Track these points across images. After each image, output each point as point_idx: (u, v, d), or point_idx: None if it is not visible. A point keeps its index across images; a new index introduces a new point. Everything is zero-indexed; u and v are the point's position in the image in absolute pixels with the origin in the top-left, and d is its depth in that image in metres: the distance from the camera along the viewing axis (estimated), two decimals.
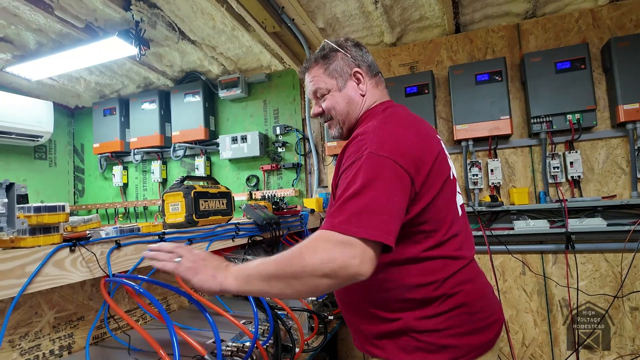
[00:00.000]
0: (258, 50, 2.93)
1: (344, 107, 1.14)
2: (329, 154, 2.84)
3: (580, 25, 2.38)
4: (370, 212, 0.84)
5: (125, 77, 3.41)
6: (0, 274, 0.81)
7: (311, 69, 1.18)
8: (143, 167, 3.64)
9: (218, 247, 1.55)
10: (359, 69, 1.13)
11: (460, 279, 0.99)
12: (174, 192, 1.46)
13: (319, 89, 1.16)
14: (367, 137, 0.94)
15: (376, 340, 1.02)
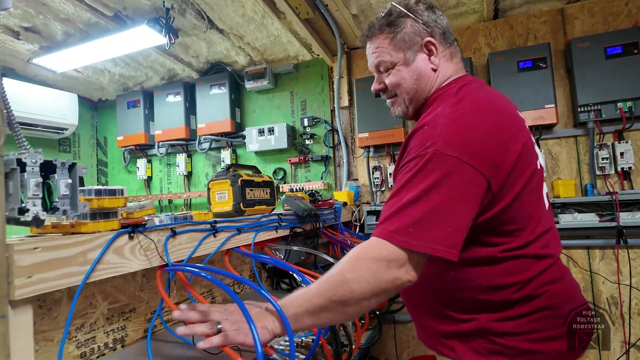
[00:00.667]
0: (286, 39, 2.86)
1: (411, 84, 0.98)
2: (360, 146, 2.75)
3: (630, 9, 2.25)
4: (432, 221, 0.76)
5: (149, 69, 3.37)
6: (63, 261, 0.75)
7: (374, 37, 1.01)
8: (167, 160, 3.60)
9: (263, 238, 1.49)
10: (431, 38, 0.96)
11: (546, 279, 0.88)
12: (220, 180, 1.39)
13: (382, 62, 1.00)
14: (434, 129, 0.82)
15: (445, 340, 0.94)
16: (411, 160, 0.82)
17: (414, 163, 0.81)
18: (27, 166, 0.68)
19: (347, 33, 2.72)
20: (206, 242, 1.18)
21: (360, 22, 2.65)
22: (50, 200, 0.73)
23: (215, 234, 1.20)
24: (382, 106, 2.65)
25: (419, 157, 0.80)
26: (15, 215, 0.67)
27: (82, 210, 0.77)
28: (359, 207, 2.76)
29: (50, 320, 0.91)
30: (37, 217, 0.69)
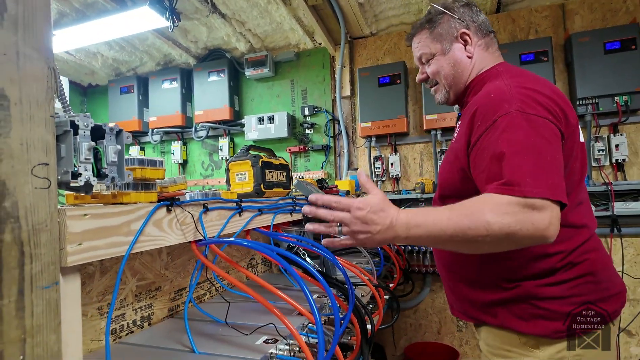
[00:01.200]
0: (288, 27, 2.83)
1: (449, 71, 1.08)
2: (361, 136, 2.77)
3: (627, 6, 2.33)
4: (546, 170, 0.79)
5: (145, 54, 3.28)
6: (109, 230, 0.73)
7: (417, 34, 1.14)
8: (162, 147, 3.52)
9: (279, 220, 1.49)
10: (466, 30, 1.06)
11: (587, 248, 0.94)
12: (240, 161, 1.38)
13: (423, 54, 1.12)
14: (504, 95, 0.88)
15: (488, 308, 0.99)
16: (493, 124, 0.86)
17: (499, 125, 0.85)
18: (80, 129, 0.66)
19: (352, 22, 2.72)
20: (232, 221, 1.17)
21: (365, 11, 2.65)
22: (98, 166, 0.70)
23: (240, 212, 1.19)
24: (384, 96, 2.67)
25: (502, 118, 0.85)
26: (68, 179, 0.64)
27: (127, 179, 0.75)
28: (359, 196, 2.78)
29: (84, 295, 0.88)
30: (89, 183, 0.67)
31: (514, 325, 0.94)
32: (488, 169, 0.85)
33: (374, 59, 2.89)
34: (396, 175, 2.77)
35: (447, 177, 1.05)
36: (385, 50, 2.87)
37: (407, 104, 2.73)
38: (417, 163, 2.77)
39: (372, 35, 2.91)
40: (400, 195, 2.67)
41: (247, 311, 1.13)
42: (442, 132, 2.59)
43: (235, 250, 1.52)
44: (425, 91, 2.58)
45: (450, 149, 1.08)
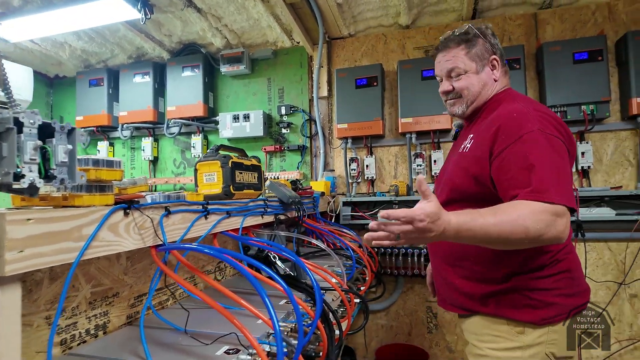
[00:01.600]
0: (266, 24, 2.79)
1: (477, 89, 1.21)
2: (338, 137, 2.75)
3: (596, 18, 2.41)
4: (563, 182, 0.96)
5: (116, 46, 3.16)
6: (57, 235, 0.69)
7: (451, 48, 1.23)
8: (132, 143, 3.40)
9: (249, 223, 1.45)
10: (496, 57, 1.22)
11: (568, 249, 1.12)
12: (209, 162, 1.34)
13: (456, 67, 1.21)
14: (525, 116, 1.04)
15: (485, 299, 1.13)
16: (519, 139, 1.01)
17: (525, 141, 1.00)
18: (25, 127, 0.61)
19: (330, 22, 2.70)
20: (197, 224, 1.13)
21: (343, 11, 2.63)
22: (46, 167, 0.65)
23: (207, 215, 1.15)
24: (362, 98, 2.67)
25: (528, 134, 1.00)
26: (9, 180, 0.59)
27: (79, 181, 0.70)
28: (334, 197, 2.76)
29: (31, 304, 0.83)
30: (33, 185, 0.62)
31: (506, 314, 1.09)
32: (516, 176, 0.99)
33: (351, 60, 2.89)
34: (371, 177, 2.77)
35: (459, 181, 1.16)
36: (363, 52, 2.86)
37: (384, 106, 2.74)
38: (392, 165, 2.78)
39: (350, 37, 2.90)
40: (375, 197, 2.68)
41: (210, 319, 1.09)
42: (417, 135, 2.61)
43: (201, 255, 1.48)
44: (401, 94, 2.59)
45: (460, 156, 1.19)
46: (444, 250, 1.23)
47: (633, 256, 2.29)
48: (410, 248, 2.54)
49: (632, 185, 2.33)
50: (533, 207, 0.91)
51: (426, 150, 2.68)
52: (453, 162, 1.24)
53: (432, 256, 1.32)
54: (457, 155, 1.23)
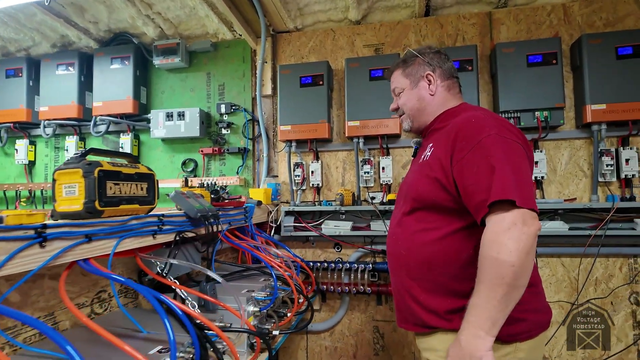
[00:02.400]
0: (204, 13, 2.51)
1: (414, 104, 1.29)
2: (281, 139, 2.50)
3: (551, 20, 2.27)
4: (528, 184, 0.97)
5: (36, 32, 2.80)
6: None
7: (394, 71, 1.37)
8: (55, 142, 3.04)
9: (132, 245, 1.18)
10: (431, 72, 1.27)
11: None
12: (69, 170, 1.06)
13: (396, 87, 1.35)
14: (483, 122, 1.06)
15: (447, 314, 1.09)
16: (477, 144, 1.01)
17: (483, 145, 1.00)
18: None
19: (273, 13, 2.45)
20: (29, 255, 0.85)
21: (287, 2, 2.40)
22: None
23: (42, 243, 0.88)
24: (306, 97, 2.43)
25: (485, 139, 1.01)
26: None
27: None
28: (277, 206, 2.52)
29: None
30: None
31: None
32: (478, 180, 0.98)
33: (298, 57, 2.65)
34: (317, 185, 2.54)
35: (422, 189, 1.15)
36: (310, 48, 2.63)
37: (331, 108, 2.52)
38: (339, 172, 2.56)
39: (297, 30, 2.66)
40: (321, 206, 2.45)
41: None
42: (364, 140, 2.40)
43: (71, 283, 1.19)
44: (348, 95, 2.37)
45: (421, 165, 1.19)
46: (406, 260, 1.19)
47: (586, 273, 2.16)
48: (355, 263, 2.33)
49: (586, 198, 2.20)
50: (495, 236, 0.93)
51: (375, 157, 2.47)
52: (414, 172, 1.26)
53: (392, 272, 1.28)
54: (417, 166, 1.24)
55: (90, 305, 1.27)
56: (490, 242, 0.93)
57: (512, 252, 0.89)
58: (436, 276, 1.12)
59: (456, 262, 1.09)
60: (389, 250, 1.29)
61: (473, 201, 1.00)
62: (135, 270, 1.48)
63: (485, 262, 0.93)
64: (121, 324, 1.20)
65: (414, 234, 1.17)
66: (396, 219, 1.28)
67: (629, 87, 2.02)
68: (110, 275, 0.97)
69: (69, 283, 1.19)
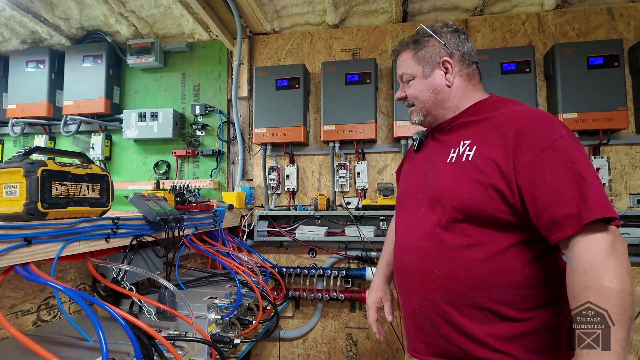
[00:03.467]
0: (179, 12, 2.47)
1: (428, 96, 1.09)
2: (256, 142, 2.46)
3: (526, 28, 2.29)
4: (604, 194, 0.84)
5: (4, 28, 2.71)
6: None
7: (401, 52, 1.14)
8: (24, 141, 2.94)
9: (82, 249, 1.12)
10: (448, 58, 1.06)
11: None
12: (10, 169, 1.00)
13: (404, 74, 1.13)
14: (548, 118, 0.92)
15: (500, 343, 0.92)
16: (550, 145, 0.87)
17: (559, 148, 0.86)
18: None
19: (249, 14, 2.42)
20: None
21: (263, 4, 2.37)
22: None
23: None
24: (282, 100, 2.40)
25: (558, 141, 0.87)
26: None
27: None
28: (251, 210, 2.47)
29: None
30: None
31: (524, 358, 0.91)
32: (561, 192, 0.84)
33: (275, 59, 2.62)
34: (292, 189, 2.50)
35: (469, 198, 0.94)
36: (287, 51, 2.60)
37: (308, 111, 2.49)
38: (315, 176, 2.53)
39: (274, 33, 2.64)
40: (296, 211, 2.41)
41: None
42: (340, 144, 2.37)
43: (13, 288, 1.13)
44: (324, 99, 2.35)
45: (461, 166, 0.98)
46: (443, 279, 0.98)
47: None
48: (329, 269, 2.29)
49: None
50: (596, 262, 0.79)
51: (351, 162, 2.45)
52: (445, 173, 1.02)
53: (413, 292, 1.05)
54: (449, 166, 1.01)
55: (36, 312, 1.20)
56: (594, 266, 0.79)
57: (625, 279, 0.77)
58: (486, 299, 0.94)
59: (516, 279, 0.92)
60: (410, 266, 1.06)
61: (550, 216, 0.84)
62: (90, 276, 1.41)
63: (596, 293, 0.79)
64: (69, 333, 1.14)
65: (457, 250, 0.97)
66: (423, 230, 1.04)
67: (600, 97, 2.05)
68: (47, 282, 0.91)
69: (11, 288, 1.12)
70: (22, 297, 1.15)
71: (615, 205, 2.15)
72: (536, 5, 2.29)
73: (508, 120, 0.94)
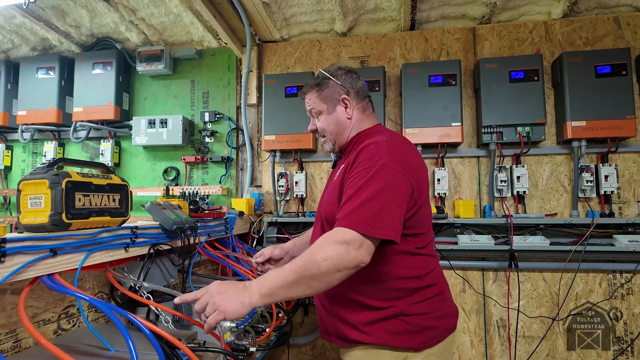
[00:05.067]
0: (189, 20, 2.49)
1: (334, 128, 1.29)
2: (265, 149, 2.48)
3: (533, 37, 2.31)
4: (384, 214, 1.01)
5: (15, 35, 2.74)
6: None
7: (308, 93, 1.32)
8: (34, 147, 2.96)
9: (103, 259, 1.14)
10: (346, 96, 1.27)
11: (437, 272, 1.21)
12: (36, 180, 1.01)
13: (313, 109, 1.32)
14: (379, 149, 1.10)
15: (365, 327, 1.12)
16: (364, 169, 1.07)
17: (366, 171, 1.06)
18: None
19: (258, 23, 2.44)
20: None
21: (273, 12, 2.39)
22: None
23: (1, 258, 0.83)
24: (291, 108, 2.42)
25: (370, 167, 1.06)
26: None
27: None
28: (260, 217, 2.48)
29: None
30: None
31: (388, 341, 1.10)
32: (346, 203, 1.05)
33: (283, 67, 2.64)
34: (301, 195, 2.52)
35: (329, 208, 1.19)
36: (296, 58, 2.62)
37: None
38: (323, 183, 2.54)
39: (283, 41, 2.66)
40: (305, 218, 2.42)
41: None
42: None
43: (36, 298, 1.14)
44: None
45: (333, 184, 1.23)
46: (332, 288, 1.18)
47: (567, 288, 2.17)
48: None
49: (566, 213, 2.22)
50: (324, 241, 1.00)
51: None
52: (326, 189, 1.33)
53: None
54: (330, 184, 1.29)
55: (57, 321, 1.21)
56: (324, 237, 1.01)
57: (327, 261, 0.96)
58: (353, 293, 1.15)
59: (371, 279, 1.13)
60: None
61: (338, 212, 1.06)
62: (107, 284, 1.42)
63: (309, 253, 0.99)
64: (89, 342, 1.15)
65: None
66: (317, 231, 1.31)
67: (608, 105, 2.06)
68: (73, 293, 0.92)
69: (33, 298, 1.13)
70: (43, 306, 1.16)
71: (624, 212, 2.16)
72: (543, 14, 2.31)
73: (355, 150, 1.18)
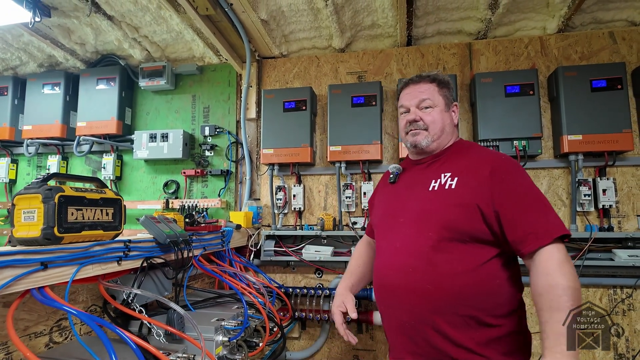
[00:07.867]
0: (190, 37, 2.55)
1: (442, 126, 1.28)
2: (264, 162, 2.50)
3: (529, 51, 2.33)
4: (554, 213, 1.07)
5: (23, 52, 2.82)
6: None
7: (424, 83, 1.30)
8: (38, 161, 3.02)
9: (95, 272, 1.15)
10: (456, 104, 1.36)
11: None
12: (29, 195, 1.04)
13: (427, 99, 1.28)
14: (507, 158, 1.18)
15: (479, 347, 1.05)
16: (517, 177, 1.11)
17: (524, 179, 1.12)
18: None
19: (258, 40, 2.50)
20: None
21: (271, 29, 2.44)
22: None
23: None
24: (289, 122, 2.45)
25: (523, 174, 1.13)
26: None
27: None
28: (258, 230, 2.49)
29: None
30: None
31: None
32: (528, 215, 1.05)
33: (282, 82, 2.68)
34: (299, 208, 2.53)
35: (456, 217, 1.11)
36: (295, 74, 2.67)
37: (314, 132, 2.53)
38: (321, 196, 2.55)
39: (282, 57, 2.71)
40: (303, 231, 2.43)
41: None
42: (346, 164, 2.41)
43: (28, 311, 1.15)
44: (331, 120, 2.39)
45: (444, 193, 1.16)
46: (431, 291, 1.10)
47: None
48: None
49: None
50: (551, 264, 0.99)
51: (357, 182, 2.48)
52: (430, 199, 1.18)
53: (400, 305, 1.17)
54: (432, 193, 1.19)
55: (49, 334, 1.22)
56: (555, 270, 0.99)
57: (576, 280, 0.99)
58: (467, 309, 1.07)
59: (490, 288, 1.08)
60: (397, 282, 1.17)
61: (520, 233, 1.04)
62: (101, 297, 1.43)
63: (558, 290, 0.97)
64: (80, 355, 1.16)
65: (443, 265, 1.10)
66: (410, 249, 1.17)
67: (604, 119, 2.07)
68: (61, 306, 0.94)
69: (25, 311, 1.15)
70: (35, 319, 1.18)
71: (623, 226, 2.14)
72: (538, 30, 2.33)
73: (485, 160, 1.17)
